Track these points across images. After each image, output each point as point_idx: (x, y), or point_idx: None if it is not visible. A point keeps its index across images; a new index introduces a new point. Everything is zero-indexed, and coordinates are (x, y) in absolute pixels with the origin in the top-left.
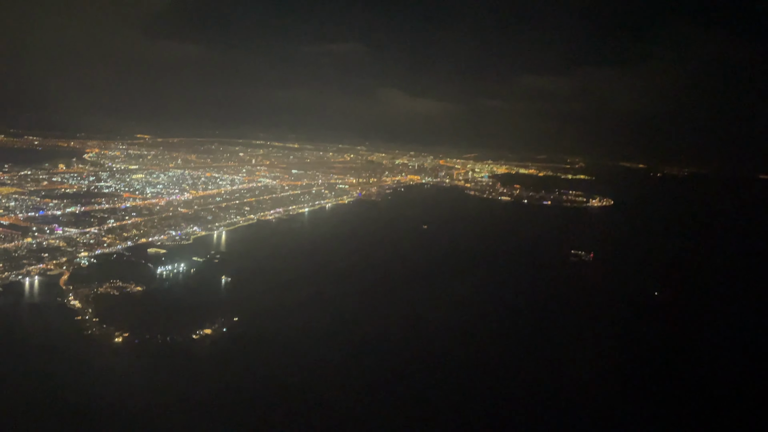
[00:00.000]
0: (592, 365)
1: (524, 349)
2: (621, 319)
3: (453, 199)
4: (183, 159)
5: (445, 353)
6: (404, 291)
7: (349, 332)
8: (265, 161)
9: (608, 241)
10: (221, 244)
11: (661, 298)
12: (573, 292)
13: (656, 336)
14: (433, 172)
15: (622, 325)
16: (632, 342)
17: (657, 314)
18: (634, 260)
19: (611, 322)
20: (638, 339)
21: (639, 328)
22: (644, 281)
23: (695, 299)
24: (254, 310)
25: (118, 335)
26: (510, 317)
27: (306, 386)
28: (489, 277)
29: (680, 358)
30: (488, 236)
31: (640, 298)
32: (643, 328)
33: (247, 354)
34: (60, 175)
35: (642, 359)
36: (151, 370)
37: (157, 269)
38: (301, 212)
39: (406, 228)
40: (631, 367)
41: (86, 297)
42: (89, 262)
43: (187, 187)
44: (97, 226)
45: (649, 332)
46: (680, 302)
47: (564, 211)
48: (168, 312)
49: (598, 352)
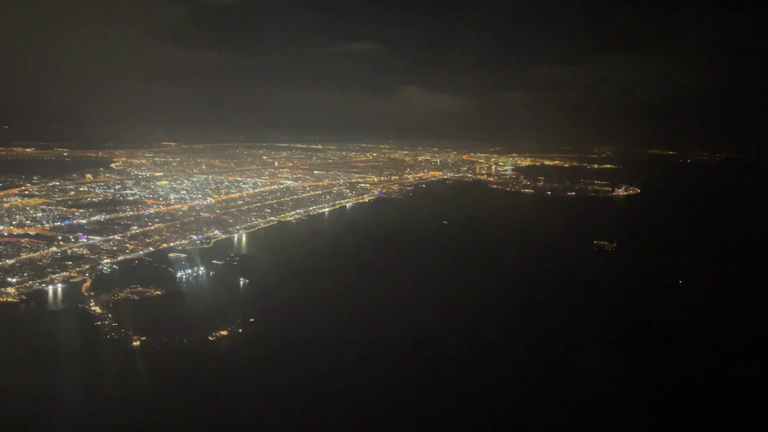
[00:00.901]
0: (606, 355)
1: (540, 340)
2: (642, 308)
3: (474, 194)
4: (207, 164)
5: (463, 344)
6: (422, 289)
7: (365, 331)
8: (287, 163)
9: (632, 230)
10: (241, 247)
11: (685, 287)
12: (593, 283)
13: (677, 325)
14: (456, 167)
15: (644, 313)
16: (651, 330)
17: (680, 303)
18: (659, 249)
19: (632, 311)
20: (658, 327)
21: (660, 317)
22: (668, 270)
23: (720, 288)
24: (270, 310)
25: (135, 339)
26: (527, 308)
27: (319, 387)
28: (507, 270)
29: (700, 347)
30: (508, 229)
31: (663, 286)
32: (665, 316)
33: (261, 354)
34: (87, 185)
35: (660, 348)
36: (165, 372)
37: (177, 273)
38: (321, 212)
39: (425, 224)
40: (649, 357)
41: (107, 302)
42: (111, 268)
43: (210, 192)
44: (120, 233)
45: (670, 321)
46: (704, 290)
47: (588, 201)
48: (186, 315)
49: (614, 341)
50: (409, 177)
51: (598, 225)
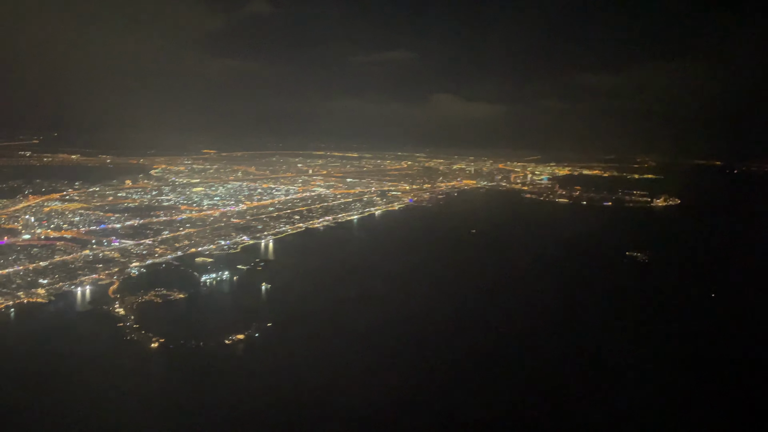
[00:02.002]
0: (633, 366)
1: (565, 349)
2: (671, 320)
3: (507, 203)
4: (243, 172)
5: (489, 352)
6: (444, 299)
7: (381, 341)
8: (321, 171)
9: (667, 241)
10: (267, 253)
11: (718, 300)
12: (622, 293)
13: (707, 338)
14: (490, 176)
15: (672, 325)
16: (680, 343)
17: (711, 316)
18: (693, 261)
19: (662, 322)
20: (687, 340)
21: (690, 329)
22: (701, 283)
23: (754, 303)
24: (289, 315)
25: (155, 341)
26: (552, 318)
27: (329, 393)
28: (532, 281)
29: (727, 363)
30: (538, 238)
31: (695, 299)
32: (695, 329)
33: (274, 360)
34: (125, 191)
35: (689, 361)
36: (177, 374)
37: (202, 277)
38: (350, 219)
39: (453, 233)
40: (677, 369)
41: (131, 305)
42: (139, 271)
43: (243, 198)
44: (152, 237)
45: (700, 334)
46: (737, 305)
47: (625, 211)
48: (206, 318)
49: (640, 353)
50: (442, 185)
51: (632, 235)
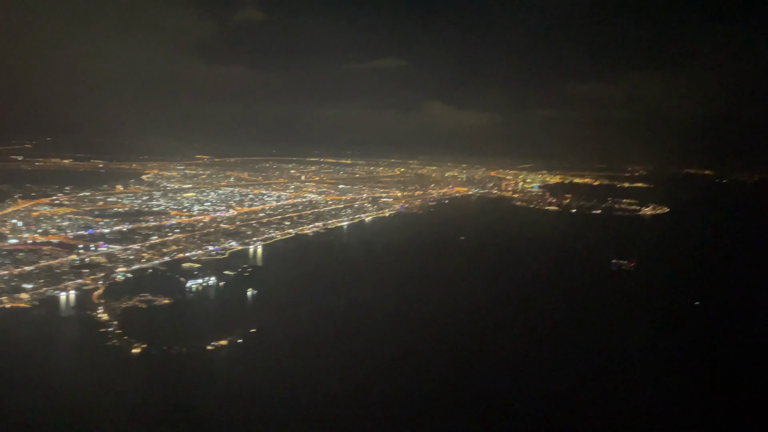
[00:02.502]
0: (615, 375)
1: (547, 356)
2: (654, 328)
3: (497, 210)
4: (236, 177)
5: (464, 361)
6: (430, 307)
7: (367, 345)
8: (314, 177)
9: (654, 250)
10: (255, 258)
11: (701, 308)
12: (607, 302)
13: (689, 346)
14: (481, 183)
15: (655, 333)
16: (662, 350)
17: (694, 324)
18: (678, 269)
19: (644, 330)
20: (669, 348)
21: (672, 338)
22: (685, 290)
23: (738, 310)
24: (274, 321)
25: (137, 346)
26: (536, 326)
27: (310, 400)
28: (518, 288)
29: (710, 369)
30: (526, 246)
31: (678, 307)
32: (677, 337)
33: (255, 366)
34: (116, 196)
35: (671, 369)
36: (156, 379)
37: (188, 283)
38: (340, 226)
39: (442, 240)
40: (658, 376)
41: (115, 310)
42: (125, 276)
43: (234, 204)
44: (140, 242)
45: (682, 342)
46: (721, 312)
47: (613, 220)
48: (190, 323)
49: (623, 361)
50: (433, 192)
51: (619, 244)
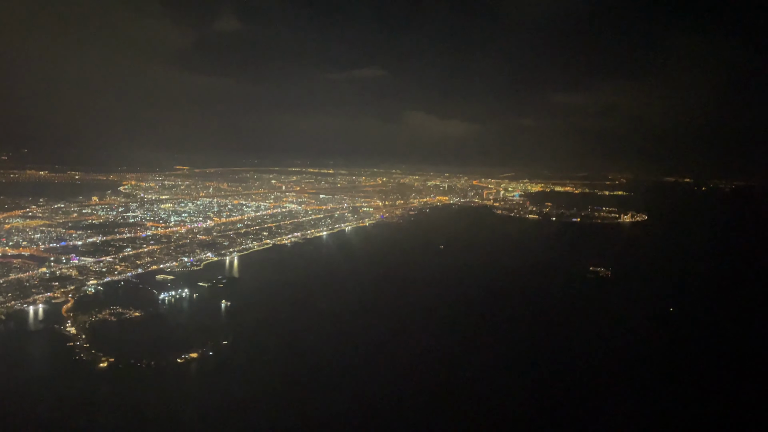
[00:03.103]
0: (585, 380)
1: (523, 364)
2: (628, 334)
3: (478, 219)
4: (215, 188)
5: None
6: (406, 317)
7: (337, 357)
8: (295, 187)
9: (631, 257)
10: (231, 269)
11: (676, 314)
12: (584, 308)
13: (664, 351)
14: (463, 192)
15: (629, 339)
16: (635, 355)
17: (668, 330)
18: (654, 276)
19: (619, 337)
20: (645, 354)
21: (646, 343)
22: (660, 297)
23: (712, 315)
24: (246, 333)
25: (104, 360)
26: (514, 332)
27: (276, 412)
28: (496, 296)
29: (682, 374)
30: (506, 254)
31: (654, 313)
32: (653, 343)
33: (227, 377)
34: (91, 207)
35: (642, 373)
36: (122, 394)
37: (160, 295)
38: (319, 236)
39: (421, 248)
40: (629, 380)
41: (83, 323)
42: (96, 289)
43: (211, 215)
44: (113, 254)
45: (658, 347)
46: (694, 320)
47: (592, 227)
48: (160, 336)
49: (599, 366)
50: (415, 202)
51: (597, 251)
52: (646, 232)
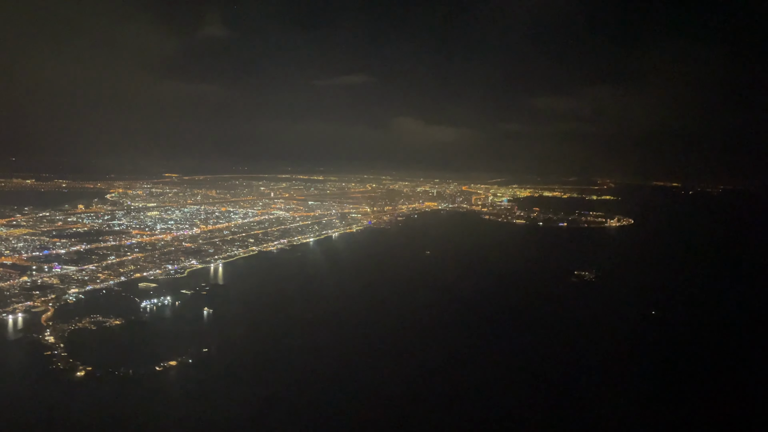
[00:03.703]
0: (566, 384)
1: (501, 367)
2: (611, 337)
3: (465, 224)
4: (203, 195)
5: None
6: (390, 324)
7: (319, 366)
8: (284, 194)
9: (616, 261)
10: (215, 277)
11: (658, 317)
12: (567, 312)
13: (643, 354)
14: (452, 198)
15: (612, 342)
16: (617, 359)
17: (650, 333)
18: (638, 279)
19: (600, 340)
20: (624, 356)
21: (628, 346)
22: (643, 300)
23: (695, 318)
24: (227, 341)
25: (81, 369)
26: (492, 336)
27: (254, 422)
28: (480, 300)
29: (660, 376)
30: (492, 258)
31: (636, 317)
32: (634, 346)
33: (205, 385)
34: (76, 216)
35: (622, 377)
36: (98, 403)
37: (142, 303)
38: (306, 242)
39: (408, 254)
40: (609, 384)
41: (62, 332)
42: (77, 298)
43: (198, 222)
44: (96, 263)
45: (638, 350)
46: (676, 323)
47: (578, 232)
48: (140, 344)
49: (577, 368)
50: (403, 207)
51: (582, 255)
52: (632, 237)
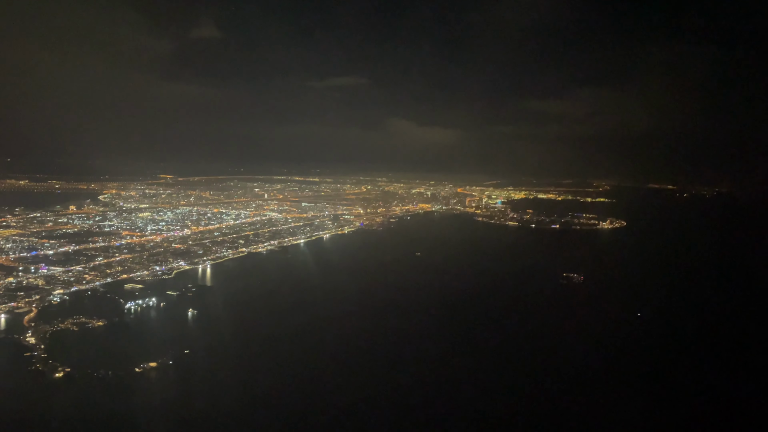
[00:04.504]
0: (549, 385)
1: (485, 369)
2: (598, 338)
3: (458, 226)
4: (197, 196)
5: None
6: (373, 326)
7: (300, 368)
8: (278, 195)
9: (605, 263)
10: (204, 278)
11: (644, 319)
12: (555, 313)
13: (626, 355)
14: (446, 200)
15: (598, 343)
16: (603, 360)
17: (636, 335)
18: (626, 281)
19: (587, 341)
20: (610, 358)
21: (614, 348)
22: (630, 303)
23: (681, 320)
24: (209, 342)
25: (60, 370)
26: (478, 337)
27: (231, 425)
28: (466, 301)
29: (641, 377)
30: (482, 260)
31: (622, 318)
32: (619, 347)
33: (184, 387)
34: (67, 216)
35: (606, 379)
36: (76, 404)
37: (126, 304)
38: (296, 244)
39: (398, 255)
40: (590, 387)
41: (44, 333)
42: (61, 299)
43: (189, 223)
44: (83, 263)
45: (621, 351)
46: (662, 325)
47: (570, 234)
48: (121, 346)
49: (562, 368)
50: (396, 209)
51: (573, 257)
52: (623, 239)
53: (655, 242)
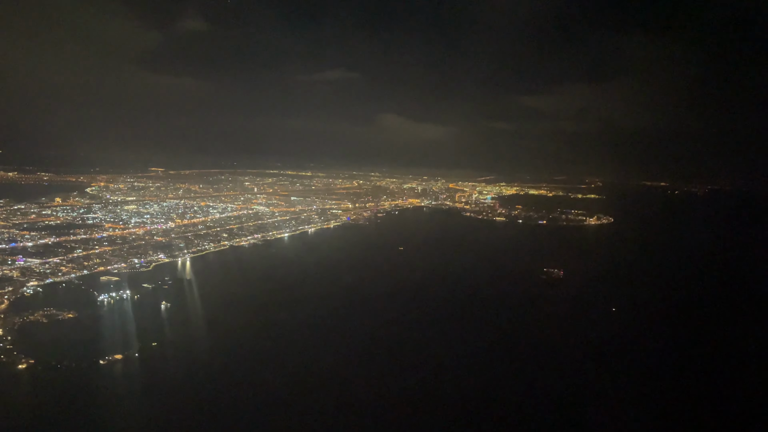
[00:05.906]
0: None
1: (459, 363)
2: (571, 332)
3: (445, 221)
4: (186, 190)
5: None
6: (353, 319)
7: (268, 366)
8: (268, 189)
9: (586, 258)
10: (180, 271)
11: (617, 314)
12: (530, 308)
13: (598, 348)
14: (436, 195)
15: (571, 337)
16: (573, 352)
17: (609, 328)
18: (604, 277)
19: (561, 334)
20: (581, 351)
21: (586, 341)
22: (605, 297)
23: (656, 315)
24: (178, 336)
25: (23, 362)
26: (454, 331)
27: (191, 417)
28: (446, 295)
29: (611, 372)
30: (464, 255)
31: (596, 312)
32: (590, 341)
33: (146, 379)
34: (52, 209)
35: (574, 371)
36: (35, 395)
37: (100, 296)
38: (280, 237)
39: (380, 250)
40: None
41: (12, 325)
42: (35, 291)
43: (175, 216)
44: (62, 256)
45: (594, 345)
46: (633, 319)
47: (556, 230)
48: (89, 338)
49: (535, 362)
50: (385, 204)
51: (555, 252)
52: (608, 235)
53: (639, 238)
